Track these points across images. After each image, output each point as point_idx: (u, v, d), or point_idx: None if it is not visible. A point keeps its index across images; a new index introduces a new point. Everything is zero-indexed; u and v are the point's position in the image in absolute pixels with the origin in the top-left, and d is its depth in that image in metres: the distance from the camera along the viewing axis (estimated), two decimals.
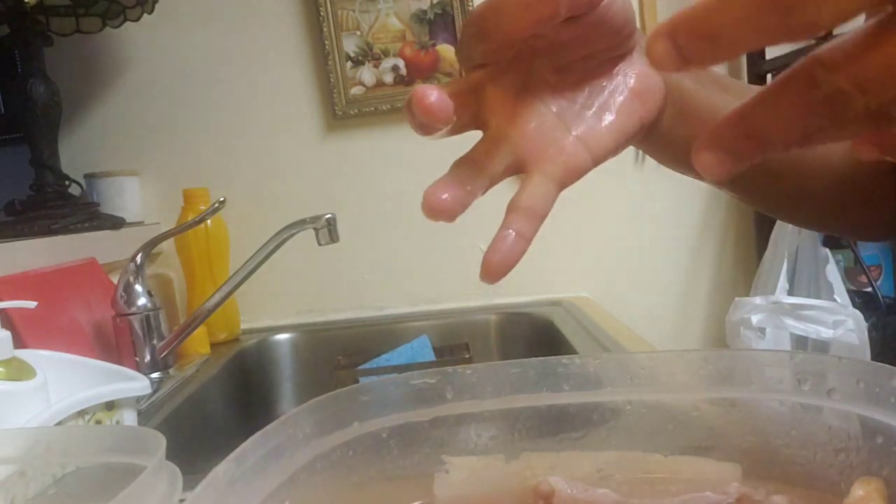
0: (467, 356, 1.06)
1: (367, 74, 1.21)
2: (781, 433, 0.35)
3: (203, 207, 1.07)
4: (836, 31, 0.21)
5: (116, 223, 1.07)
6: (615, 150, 0.38)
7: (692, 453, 0.36)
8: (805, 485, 0.34)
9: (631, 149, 1.36)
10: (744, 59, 1.21)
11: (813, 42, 0.23)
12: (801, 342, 1.12)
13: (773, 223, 1.18)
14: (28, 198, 1.02)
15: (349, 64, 1.20)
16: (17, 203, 1.02)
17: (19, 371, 0.59)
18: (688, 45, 0.21)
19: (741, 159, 0.23)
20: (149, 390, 0.71)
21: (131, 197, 1.19)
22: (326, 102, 1.22)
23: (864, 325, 1.10)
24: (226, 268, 1.15)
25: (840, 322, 1.09)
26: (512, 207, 0.35)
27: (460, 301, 1.25)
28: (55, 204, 1.02)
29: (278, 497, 0.30)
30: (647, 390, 0.36)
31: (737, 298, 1.17)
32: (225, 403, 1.02)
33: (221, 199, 0.94)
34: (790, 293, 1.17)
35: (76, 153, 1.22)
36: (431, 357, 1.08)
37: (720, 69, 1.22)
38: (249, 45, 1.22)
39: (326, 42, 1.19)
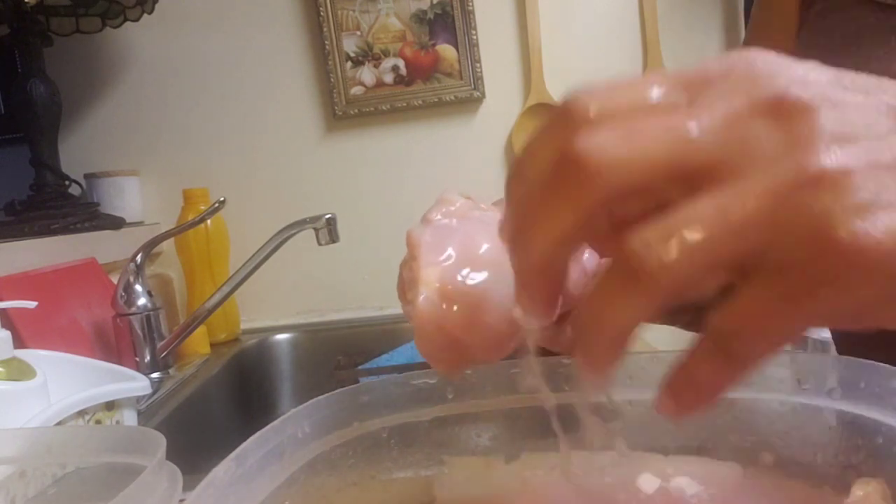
0: None
1: (367, 74, 1.21)
2: (781, 433, 0.35)
3: (203, 207, 1.07)
4: None
5: (116, 223, 1.07)
6: None
7: (692, 453, 0.36)
8: (805, 485, 0.34)
9: None
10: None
11: None
12: (801, 342, 1.12)
13: None
14: (28, 198, 1.02)
15: (349, 64, 1.20)
16: (17, 203, 1.01)
17: (19, 371, 0.59)
18: None
19: None
20: (149, 390, 0.72)
21: (131, 197, 1.19)
22: (326, 102, 1.22)
23: None
24: (226, 268, 1.15)
25: None
26: None
27: None
28: (55, 204, 1.01)
29: (278, 497, 0.30)
30: (647, 390, 0.36)
31: None
32: (225, 403, 1.02)
33: (221, 199, 0.94)
34: None
35: (76, 153, 1.22)
36: None
37: None
38: (249, 46, 1.22)
39: (326, 42, 1.19)
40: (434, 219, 0.32)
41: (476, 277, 0.30)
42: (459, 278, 0.29)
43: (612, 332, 0.21)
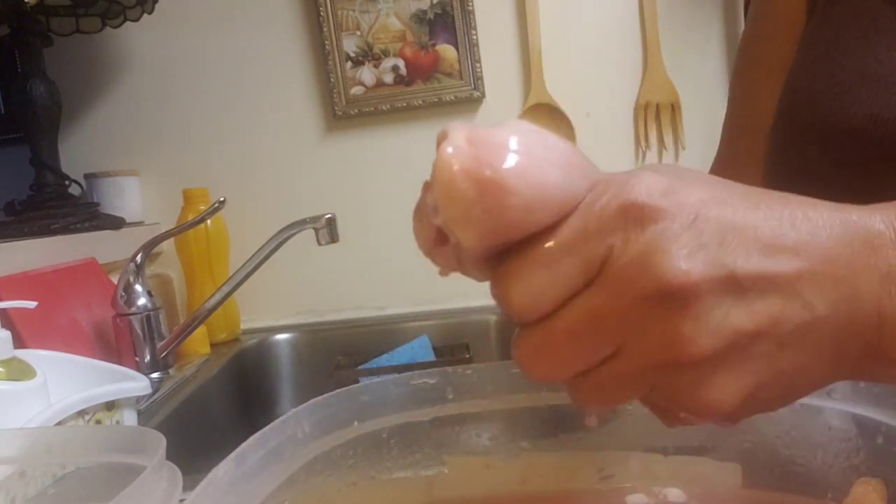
0: (467, 356, 1.06)
1: (367, 74, 1.21)
2: (781, 433, 0.35)
3: (203, 207, 1.07)
4: None
5: (116, 223, 1.07)
6: None
7: (692, 453, 0.36)
8: (805, 485, 0.34)
9: (631, 147, 1.34)
10: None
11: None
12: None
13: None
14: (28, 198, 1.02)
15: (349, 64, 1.20)
16: (17, 203, 1.01)
17: (19, 371, 0.59)
18: None
19: None
20: (149, 390, 0.72)
21: (131, 197, 1.19)
22: (326, 102, 1.22)
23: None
24: (226, 268, 1.15)
25: None
26: None
27: (460, 301, 1.25)
28: (55, 204, 1.01)
29: (278, 497, 0.30)
30: None
31: None
32: (225, 403, 1.02)
33: (221, 199, 0.94)
34: None
35: (76, 153, 1.22)
36: (431, 357, 1.08)
37: None
38: (249, 46, 1.22)
39: (326, 42, 1.19)
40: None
41: (512, 134, 0.25)
42: (491, 134, 0.25)
43: None
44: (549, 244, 0.25)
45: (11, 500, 0.48)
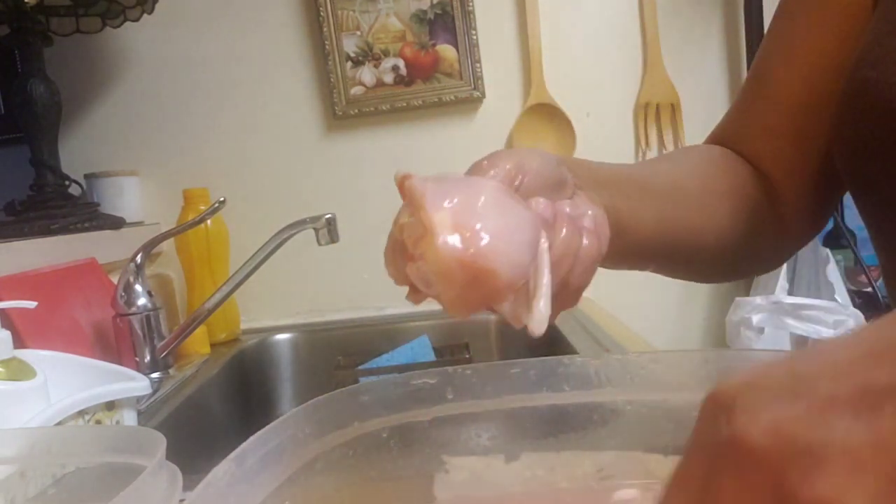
0: (467, 356, 1.06)
1: (367, 74, 1.21)
2: None
3: (203, 207, 1.07)
4: None
5: (116, 223, 1.07)
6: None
7: None
8: None
9: (631, 147, 1.33)
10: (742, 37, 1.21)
11: None
12: (801, 342, 1.12)
13: None
14: (28, 198, 1.02)
15: (349, 64, 1.20)
16: (17, 203, 1.01)
17: (19, 371, 0.59)
18: None
19: None
20: (149, 390, 0.71)
21: (131, 197, 1.19)
22: (326, 102, 1.22)
23: (864, 324, 1.09)
24: (226, 268, 1.15)
25: (840, 322, 1.09)
26: None
27: None
28: (55, 204, 1.01)
29: (278, 497, 0.30)
30: (647, 390, 0.36)
31: (737, 298, 1.17)
32: (225, 403, 1.02)
33: (221, 199, 0.94)
34: (790, 293, 1.17)
35: (76, 153, 1.22)
36: (431, 357, 1.08)
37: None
38: (249, 46, 1.22)
39: (326, 42, 1.19)
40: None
41: (486, 214, 0.30)
42: (471, 216, 0.30)
43: None
44: None
45: (11, 500, 0.48)
